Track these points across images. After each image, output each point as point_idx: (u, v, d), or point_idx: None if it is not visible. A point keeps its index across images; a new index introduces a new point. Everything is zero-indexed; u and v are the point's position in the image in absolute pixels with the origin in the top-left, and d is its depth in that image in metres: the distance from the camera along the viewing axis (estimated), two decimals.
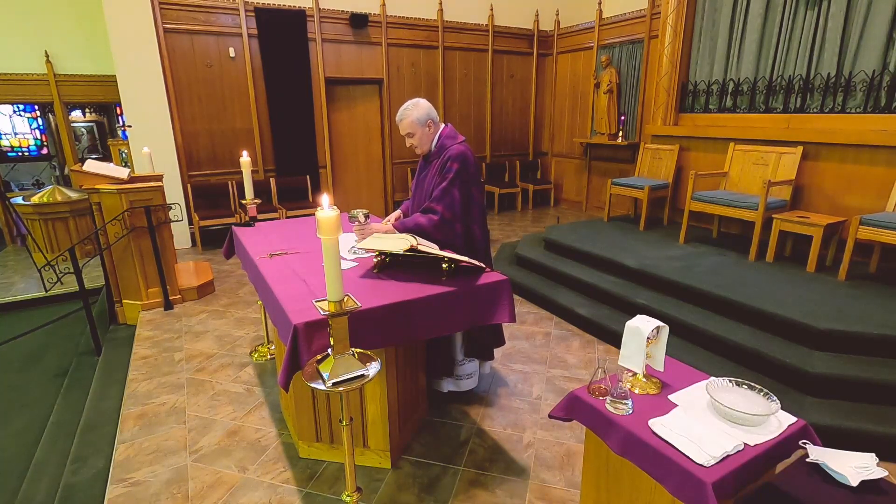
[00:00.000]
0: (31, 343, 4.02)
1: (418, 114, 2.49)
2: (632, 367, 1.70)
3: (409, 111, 2.50)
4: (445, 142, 2.56)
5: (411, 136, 2.54)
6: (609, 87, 6.99)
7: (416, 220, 2.45)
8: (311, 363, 1.59)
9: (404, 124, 2.51)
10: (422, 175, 2.68)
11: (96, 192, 3.92)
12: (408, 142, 2.58)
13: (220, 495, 2.20)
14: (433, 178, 2.54)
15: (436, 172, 2.53)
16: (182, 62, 5.94)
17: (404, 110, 2.51)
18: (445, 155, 2.51)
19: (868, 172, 3.97)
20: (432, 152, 2.60)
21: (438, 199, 2.45)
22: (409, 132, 2.52)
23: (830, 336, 2.78)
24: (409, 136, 2.54)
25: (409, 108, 2.51)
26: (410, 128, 2.51)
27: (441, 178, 2.48)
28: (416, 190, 2.73)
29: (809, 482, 1.43)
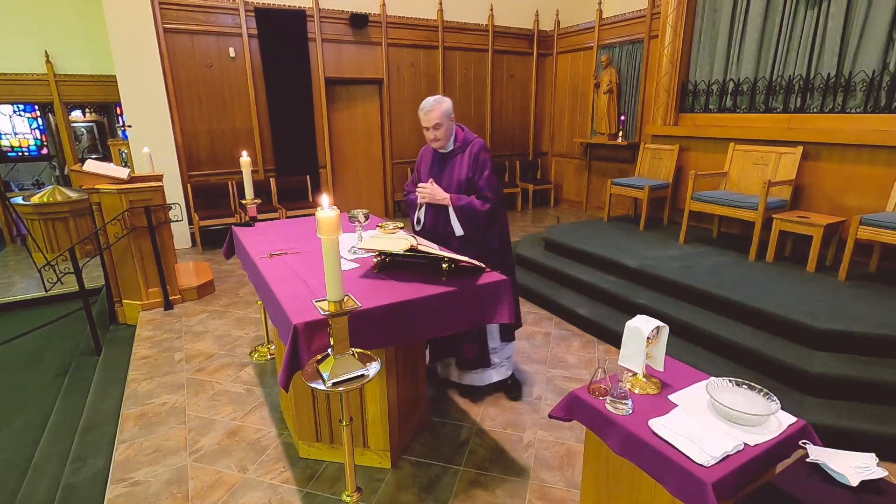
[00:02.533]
0: (31, 343, 4.02)
1: (447, 106, 2.57)
2: (632, 367, 1.70)
3: (438, 103, 2.55)
4: (468, 136, 2.70)
5: (438, 127, 2.56)
6: (609, 87, 6.99)
7: (472, 202, 2.58)
8: (311, 363, 1.59)
9: (433, 115, 2.54)
10: (440, 168, 2.71)
11: (96, 192, 3.92)
12: (431, 134, 2.60)
13: (220, 495, 2.20)
14: (462, 170, 2.64)
15: (467, 164, 2.64)
16: (182, 62, 5.94)
17: (434, 102, 2.55)
18: (474, 147, 2.65)
19: (868, 172, 3.97)
20: (455, 146, 2.68)
21: (487, 188, 2.60)
22: (437, 123, 2.55)
23: (830, 336, 2.78)
24: (436, 129, 2.56)
25: (438, 100, 2.57)
26: (440, 119, 2.55)
27: (479, 168, 2.61)
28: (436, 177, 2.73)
29: (809, 482, 1.43)
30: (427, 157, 2.83)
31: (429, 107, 2.56)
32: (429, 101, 2.58)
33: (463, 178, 2.65)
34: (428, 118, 2.56)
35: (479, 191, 2.62)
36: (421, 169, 2.85)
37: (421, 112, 2.60)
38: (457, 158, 2.68)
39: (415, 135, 7.65)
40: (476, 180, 2.62)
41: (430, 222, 2.74)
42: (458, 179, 2.65)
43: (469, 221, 2.62)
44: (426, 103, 2.58)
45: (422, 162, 2.86)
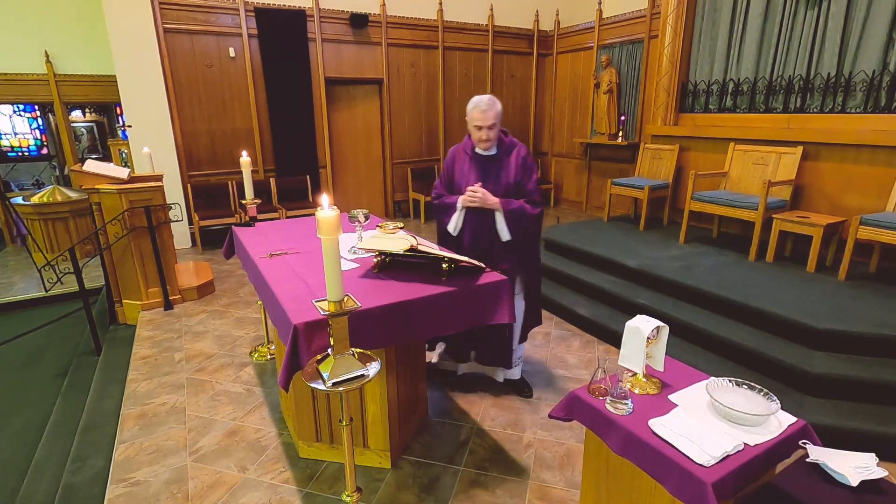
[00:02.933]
0: (31, 343, 4.02)
1: (500, 107, 2.53)
2: (632, 367, 1.70)
3: (494, 102, 2.49)
4: (512, 139, 2.67)
5: (492, 127, 2.51)
6: (609, 87, 6.98)
7: (523, 206, 2.56)
8: (311, 363, 1.59)
9: (491, 115, 2.48)
10: (484, 172, 2.63)
11: (96, 192, 3.92)
12: (484, 134, 2.52)
13: (220, 495, 2.20)
14: (510, 174, 2.61)
15: (515, 168, 2.61)
16: (182, 62, 5.94)
17: (490, 101, 2.48)
18: (521, 151, 2.64)
19: (868, 172, 3.97)
20: (501, 148, 2.63)
21: (536, 192, 2.62)
22: (493, 123, 2.49)
23: (830, 336, 2.78)
24: (490, 129, 2.50)
25: (493, 99, 2.50)
26: (496, 119, 2.50)
27: (528, 172, 2.62)
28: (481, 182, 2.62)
29: (809, 482, 1.43)
30: (463, 160, 2.70)
31: (485, 105, 2.47)
32: (484, 100, 2.48)
33: (511, 181, 2.60)
34: (485, 117, 2.48)
35: (528, 195, 2.60)
36: (456, 172, 2.71)
37: (475, 110, 2.49)
38: (503, 162, 2.62)
39: (415, 134, 7.65)
40: (525, 184, 2.61)
41: (472, 227, 2.64)
42: (506, 183, 2.60)
43: (518, 225, 2.58)
44: (482, 101, 2.48)
45: (455, 164, 2.72)
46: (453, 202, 2.65)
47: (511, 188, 2.60)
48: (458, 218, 2.65)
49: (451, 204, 2.65)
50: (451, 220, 2.68)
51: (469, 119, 2.55)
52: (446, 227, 2.70)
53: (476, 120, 2.51)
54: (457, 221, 2.66)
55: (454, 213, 2.65)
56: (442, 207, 2.73)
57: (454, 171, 2.72)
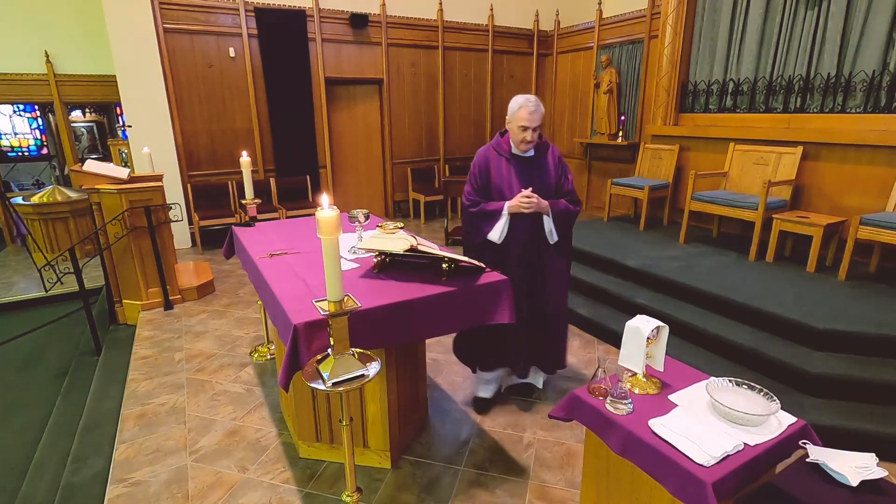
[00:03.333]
0: (31, 343, 4.02)
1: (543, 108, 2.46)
2: (632, 367, 1.70)
3: (540, 103, 2.41)
4: (545, 138, 2.60)
5: (538, 129, 2.43)
6: (609, 87, 6.98)
7: (568, 206, 2.55)
8: (311, 363, 1.59)
9: (538, 115, 2.39)
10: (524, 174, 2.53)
11: (96, 192, 3.92)
12: (530, 135, 2.42)
13: (220, 495, 2.20)
14: (550, 175, 2.56)
15: (553, 168, 2.56)
16: (182, 62, 5.94)
17: (537, 101, 2.41)
18: (556, 150, 2.61)
19: (868, 172, 3.97)
20: (538, 149, 2.56)
21: (574, 190, 2.61)
22: (539, 124, 2.41)
23: (830, 336, 2.78)
24: (535, 130, 2.41)
25: (538, 99, 2.43)
26: (541, 119, 2.42)
27: (565, 171, 2.59)
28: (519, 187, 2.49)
29: (809, 482, 1.43)
30: (498, 162, 2.55)
31: (533, 105, 2.38)
32: (532, 99, 2.39)
33: (553, 182, 2.55)
34: (533, 118, 2.38)
35: (566, 194, 2.58)
36: (493, 175, 2.54)
37: (522, 109, 2.39)
38: (541, 162, 2.55)
39: (415, 134, 7.65)
40: (563, 184, 2.58)
41: (519, 234, 2.51)
42: (548, 184, 2.55)
43: (566, 226, 2.57)
44: (530, 101, 2.39)
45: (490, 167, 2.55)
46: (498, 209, 2.49)
47: (552, 189, 2.54)
48: (505, 225, 2.50)
49: (496, 211, 2.50)
50: (496, 228, 2.51)
51: (513, 118, 2.43)
52: (484, 237, 2.53)
53: (522, 120, 2.39)
54: (503, 229, 2.50)
55: (498, 220, 2.49)
56: (483, 215, 2.53)
57: (490, 175, 2.55)
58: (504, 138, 2.57)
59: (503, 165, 2.55)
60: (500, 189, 2.54)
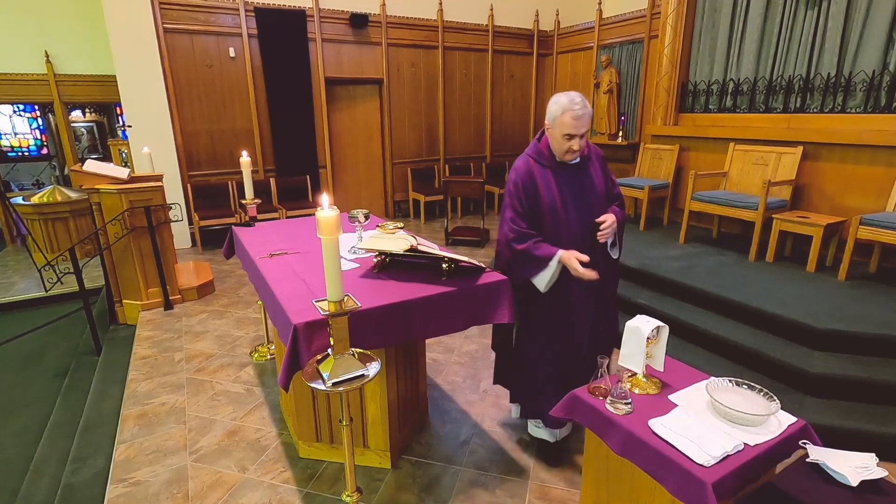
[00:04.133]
0: (31, 343, 4.02)
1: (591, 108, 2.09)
2: (632, 367, 1.70)
3: (587, 103, 2.01)
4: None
5: (585, 135, 2.04)
6: (609, 87, 6.98)
7: (624, 214, 2.23)
8: (311, 363, 1.59)
9: (586, 120, 1.99)
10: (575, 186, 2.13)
11: (96, 192, 3.92)
12: (577, 144, 2.01)
13: (220, 495, 2.20)
14: (599, 182, 2.19)
15: (601, 173, 2.21)
16: (182, 62, 5.94)
17: (585, 101, 1.99)
18: (597, 151, 2.26)
19: (868, 172, 3.97)
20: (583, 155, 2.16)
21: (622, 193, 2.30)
22: (587, 129, 2.04)
23: (830, 336, 2.78)
24: (582, 137, 2.02)
25: (585, 98, 2.01)
26: (589, 125, 2.04)
27: (610, 174, 2.26)
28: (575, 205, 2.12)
29: (809, 482, 1.43)
30: (544, 174, 2.11)
31: (580, 108, 1.95)
32: (578, 100, 1.96)
33: (603, 188, 2.18)
34: (581, 124, 1.97)
35: (615, 198, 2.26)
36: (542, 190, 2.10)
37: (567, 114, 1.96)
38: (588, 169, 2.16)
39: (415, 134, 7.65)
40: (612, 189, 2.24)
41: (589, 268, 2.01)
42: (598, 193, 2.16)
43: (622, 235, 2.24)
44: (576, 102, 1.96)
45: (537, 181, 2.10)
46: (546, 256, 2.04)
47: (602, 196, 2.18)
48: (555, 274, 2.07)
49: (544, 258, 2.05)
50: (542, 277, 2.07)
51: (555, 124, 2.01)
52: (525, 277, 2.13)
53: (567, 127, 1.97)
54: (551, 279, 2.07)
55: (544, 268, 2.05)
56: (529, 258, 2.08)
57: (537, 191, 2.10)
58: (542, 143, 2.14)
59: (550, 179, 2.10)
60: (554, 208, 2.09)
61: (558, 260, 2.03)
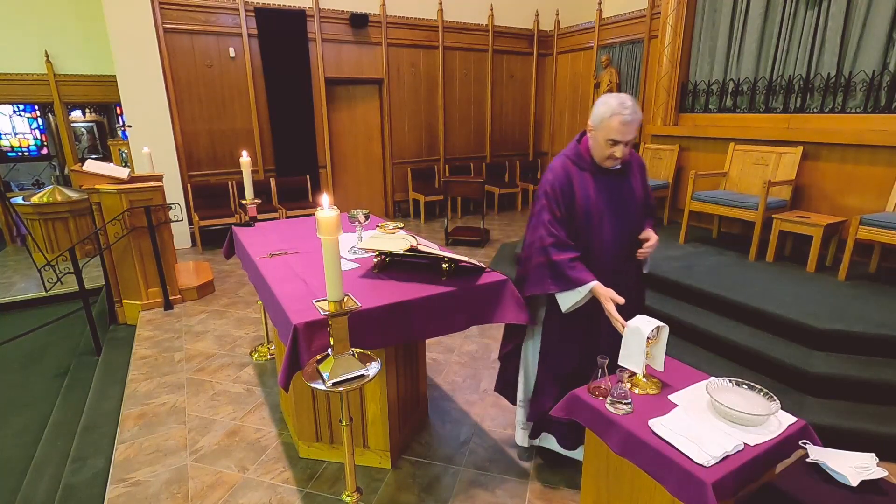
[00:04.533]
0: (31, 343, 4.02)
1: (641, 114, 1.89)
2: (632, 367, 1.70)
3: (636, 106, 1.83)
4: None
5: (630, 143, 1.88)
6: (609, 87, 6.98)
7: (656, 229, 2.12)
8: (311, 363, 1.59)
9: (634, 126, 1.83)
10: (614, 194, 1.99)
11: (96, 192, 3.93)
12: (619, 152, 1.86)
13: (220, 495, 2.20)
14: (638, 189, 2.04)
15: (640, 181, 2.06)
16: (182, 62, 5.94)
17: (635, 106, 1.82)
18: (639, 159, 2.10)
19: (868, 172, 3.97)
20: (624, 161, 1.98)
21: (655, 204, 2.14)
22: (634, 137, 1.86)
23: (830, 336, 2.78)
24: (627, 145, 1.87)
25: (635, 102, 1.84)
26: (637, 132, 1.87)
27: (647, 182, 2.10)
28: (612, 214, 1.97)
29: (809, 482, 1.43)
30: (583, 179, 1.97)
31: (630, 114, 1.79)
32: (628, 105, 1.80)
33: (641, 200, 2.04)
34: (628, 130, 1.81)
35: (650, 207, 2.13)
36: (579, 196, 1.95)
37: (615, 118, 1.80)
38: (629, 177, 2.03)
39: (415, 135, 7.65)
40: (650, 195, 2.13)
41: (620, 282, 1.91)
42: (638, 202, 2.03)
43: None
44: (626, 108, 1.79)
45: (575, 186, 1.96)
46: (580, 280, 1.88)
47: (642, 205, 2.05)
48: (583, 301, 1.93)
49: (575, 281, 1.89)
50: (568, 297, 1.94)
51: (599, 126, 1.86)
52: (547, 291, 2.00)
53: (614, 132, 1.82)
54: (579, 302, 1.94)
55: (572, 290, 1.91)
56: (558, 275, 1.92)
57: (575, 196, 1.96)
58: (583, 145, 1.99)
59: (589, 184, 1.96)
60: (589, 214, 1.95)
61: (590, 290, 1.88)
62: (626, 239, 2.02)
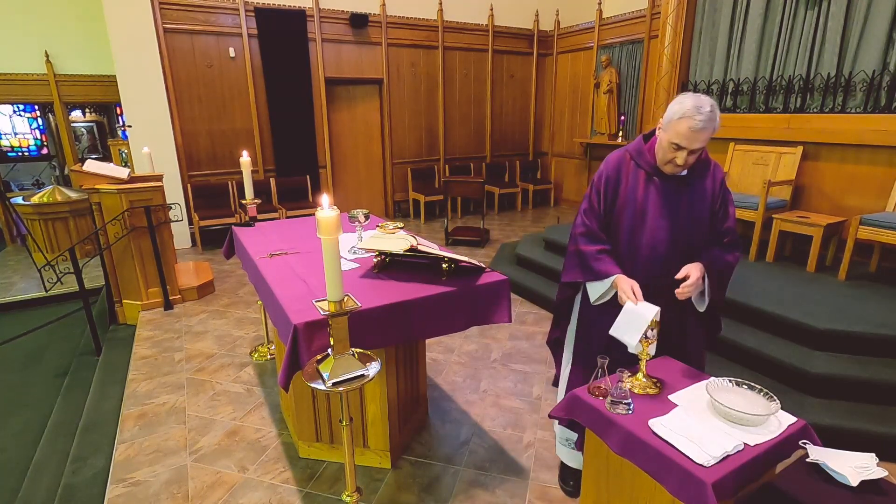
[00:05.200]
0: (31, 343, 4.02)
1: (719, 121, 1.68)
2: (625, 340, 1.69)
3: (715, 115, 1.65)
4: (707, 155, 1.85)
5: (696, 152, 1.70)
6: (609, 87, 6.99)
7: (727, 261, 1.84)
8: (311, 363, 1.59)
9: (705, 135, 1.66)
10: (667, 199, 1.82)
11: (96, 192, 3.93)
12: (681, 159, 1.70)
13: (220, 495, 2.20)
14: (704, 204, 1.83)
15: (710, 196, 1.83)
16: (182, 62, 5.94)
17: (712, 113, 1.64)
18: (719, 174, 1.85)
19: (868, 172, 3.97)
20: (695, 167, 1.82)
21: (735, 232, 1.88)
22: (702, 146, 1.70)
23: (830, 336, 2.78)
24: (693, 153, 1.70)
25: (714, 109, 1.65)
26: (706, 142, 1.69)
27: (726, 202, 1.86)
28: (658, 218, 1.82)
29: (809, 482, 1.43)
30: (634, 179, 1.84)
31: (703, 120, 1.62)
32: (705, 109, 1.63)
33: (706, 215, 1.83)
34: (697, 137, 1.65)
35: (724, 233, 1.86)
36: (623, 195, 1.85)
37: (683, 122, 1.64)
38: (695, 186, 1.82)
39: (415, 135, 7.65)
40: (723, 220, 1.85)
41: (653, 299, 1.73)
42: (696, 217, 1.83)
43: (723, 288, 1.88)
44: (701, 112, 1.62)
45: (622, 184, 1.86)
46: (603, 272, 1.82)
47: (703, 224, 1.84)
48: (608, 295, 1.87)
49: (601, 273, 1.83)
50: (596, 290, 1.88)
51: (668, 127, 1.70)
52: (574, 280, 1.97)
53: (679, 136, 1.67)
54: (604, 296, 1.88)
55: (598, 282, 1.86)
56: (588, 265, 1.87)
57: (618, 192, 1.86)
58: (649, 145, 1.85)
59: (640, 183, 1.84)
60: (630, 214, 1.84)
61: (612, 282, 1.81)
62: (663, 251, 1.82)
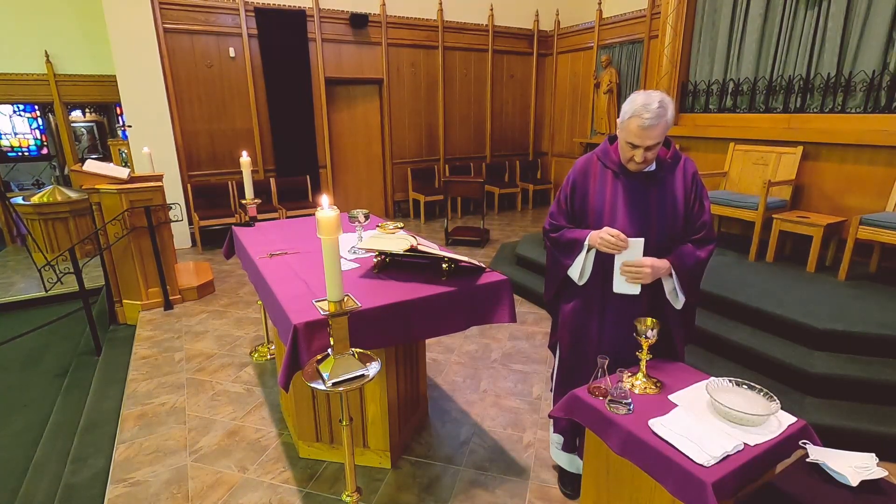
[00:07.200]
0: (31, 343, 4.02)
1: (671, 116, 1.69)
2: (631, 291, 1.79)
3: (664, 112, 1.65)
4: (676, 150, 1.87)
5: (652, 149, 1.72)
6: (609, 87, 6.99)
7: (698, 256, 1.82)
8: (311, 363, 1.59)
9: (656, 132, 1.67)
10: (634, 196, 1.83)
11: (96, 192, 3.93)
12: (639, 156, 1.72)
13: (220, 495, 2.20)
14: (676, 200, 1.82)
15: (682, 191, 1.83)
16: (182, 62, 5.94)
17: (660, 110, 1.64)
18: (690, 168, 1.86)
19: (868, 172, 3.97)
20: (663, 163, 1.83)
21: (710, 226, 1.87)
22: (656, 143, 1.71)
23: (830, 336, 2.78)
24: (649, 150, 1.71)
25: (664, 104, 1.65)
26: (662, 136, 1.71)
27: (700, 196, 1.85)
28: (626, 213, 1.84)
29: (809, 482, 1.43)
30: (601, 177, 1.88)
31: (651, 118, 1.64)
32: (652, 106, 1.64)
33: (679, 210, 1.82)
34: (648, 134, 1.67)
35: (698, 228, 1.85)
36: (592, 193, 1.89)
37: (634, 119, 1.67)
38: (664, 182, 1.83)
39: (415, 135, 7.65)
40: (698, 215, 1.84)
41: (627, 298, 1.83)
42: (670, 212, 1.82)
43: (695, 284, 1.87)
44: (648, 109, 1.64)
45: (590, 183, 1.90)
46: (579, 238, 1.86)
47: (675, 219, 1.83)
48: (585, 262, 1.88)
49: (576, 241, 1.87)
50: (576, 264, 1.89)
51: (622, 127, 1.74)
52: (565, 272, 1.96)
53: (632, 135, 1.70)
54: (582, 267, 1.89)
55: (578, 253, 1.88)
56: (561, 245, 1.93)
57: (587, 192, 1.90)
58: (614, 145, 1.88)
59: (608, 181, 1.87)
60: (600, 213, 1.86)
61: (588, 244, 1.83)
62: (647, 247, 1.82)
